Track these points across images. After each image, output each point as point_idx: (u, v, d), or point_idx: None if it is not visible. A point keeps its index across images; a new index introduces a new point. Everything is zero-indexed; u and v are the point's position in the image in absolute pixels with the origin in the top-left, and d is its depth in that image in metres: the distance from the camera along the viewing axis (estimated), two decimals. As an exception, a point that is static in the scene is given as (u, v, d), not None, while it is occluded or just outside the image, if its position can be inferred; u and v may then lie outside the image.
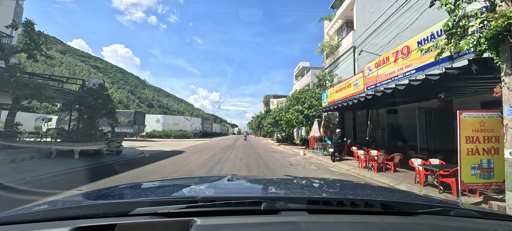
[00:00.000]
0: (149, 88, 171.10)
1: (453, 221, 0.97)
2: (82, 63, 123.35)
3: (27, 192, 4.39)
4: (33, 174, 5.99)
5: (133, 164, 8.34)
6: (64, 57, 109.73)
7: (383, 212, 0.98)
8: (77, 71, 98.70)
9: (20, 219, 0.85)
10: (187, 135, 31.19)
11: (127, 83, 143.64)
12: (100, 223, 0.80)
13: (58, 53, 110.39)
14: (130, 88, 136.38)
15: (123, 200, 1.14)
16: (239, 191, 1.47)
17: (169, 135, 29.50)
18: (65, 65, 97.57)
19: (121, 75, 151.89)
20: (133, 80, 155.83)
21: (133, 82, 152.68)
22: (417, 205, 1.11)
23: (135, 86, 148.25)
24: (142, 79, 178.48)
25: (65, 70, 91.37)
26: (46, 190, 4.65)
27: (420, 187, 5.87)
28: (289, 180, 1.85)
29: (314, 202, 1.03)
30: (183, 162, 9.46)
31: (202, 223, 0.79)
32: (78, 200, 1.10)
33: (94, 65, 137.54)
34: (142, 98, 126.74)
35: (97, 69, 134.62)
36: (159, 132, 29.66)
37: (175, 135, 29.91)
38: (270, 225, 0.80)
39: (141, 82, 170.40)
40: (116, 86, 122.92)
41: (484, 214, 1.02)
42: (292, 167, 9.10)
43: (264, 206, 0.91)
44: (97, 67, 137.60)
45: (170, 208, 0.87)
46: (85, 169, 7.04)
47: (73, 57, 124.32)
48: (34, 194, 4.32)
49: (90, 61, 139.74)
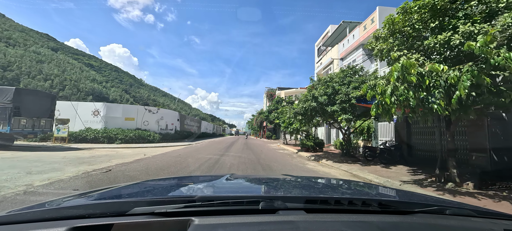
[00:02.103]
0: (145, 87, 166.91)
1: (449, 219, 0.97)
2: (74, 61, 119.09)
3: None
4: None
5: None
6: (55, 55, 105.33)
7: (380, 211, 0.99)
8: (68, 68, 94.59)
9: (16, 219, 0.84)
10: (149, 136, 18.31)
11: (122, 82, 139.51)
12: (97, 223, 0.78)
13: (48, 50, 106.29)
14: (124, 87, 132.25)
15: (120, 199, 1.10)
16: (237, 191, 1.46)
17: (113, 137, 16.57)
18: (55, 62, 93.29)
19: (116, 73, 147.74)
20: (128, 80, 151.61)
21: (128, 81, 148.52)
22: (413, 204, 1.12)
23: (130, 85, 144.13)
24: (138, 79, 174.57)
25: (54, 67, 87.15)
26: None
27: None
28: (287, 180, 1.84)
29: (312, 201, 1.01)
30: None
31: (200, 222, 0.78)
32: (75, 200, 1.09)
33: (88, 63, 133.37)
34: (136, 97, 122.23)
35: (91, 67, 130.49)
36: (97, 132, 16.50)
37: (126, 138, 16.92)
38: (268, 224, 0.80)
39: (137, 81, 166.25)
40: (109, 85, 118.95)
41: (480, 213, 1.02)
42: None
43: (262, 205, 0.90)
44: (90, 65, 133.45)
45: (167, 208, 0.86)
46: None
47: (66, 55, 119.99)
48: None
49: (83, 59, 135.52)
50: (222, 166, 7.99)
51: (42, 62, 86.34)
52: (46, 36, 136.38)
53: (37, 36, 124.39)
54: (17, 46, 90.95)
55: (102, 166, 6.92)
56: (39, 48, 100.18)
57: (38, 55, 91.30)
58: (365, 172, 7.22)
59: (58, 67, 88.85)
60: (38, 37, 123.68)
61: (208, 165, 8.08)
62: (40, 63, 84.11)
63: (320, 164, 9.56)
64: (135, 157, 9.41)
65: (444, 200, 1.30)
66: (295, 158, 11.83)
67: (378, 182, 6.07)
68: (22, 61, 75.71)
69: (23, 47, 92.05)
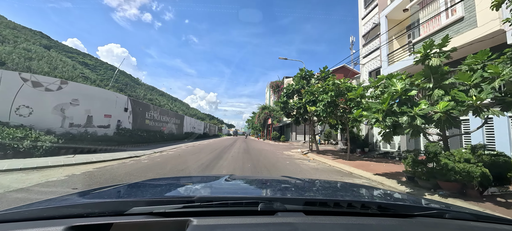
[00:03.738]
0: (141, 86, 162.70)
1: (448, 223, 0.95)
2: (68, 59, 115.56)
3: None
4: None
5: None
6: (47, 52, 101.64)
7: (380, 214, 0.97)
8: (59, 66, 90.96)
9: (14, 217, 0.83)
10: (22, 141, 7.58)
11: (117, 81, 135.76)
12: (96, 222, 0.78)
13: (40, 48, 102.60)
14: (120, 86, 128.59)
15: (119, 199, 1.09)
16: (236, 191, 1.43)
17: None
18: (46, 59, 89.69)
19: (112, 72, 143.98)
20: (124, 79, 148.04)
21: (124, 80, 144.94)
22: (413, 207, 1.11)
23: (125, 84, 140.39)
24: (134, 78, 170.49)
25: (45, 64, 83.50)
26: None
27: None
28: (287, 181, 1.81)
29: (311, 203, 1.01)
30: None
31: (199, 223, 0.77)
32: (74, 199, 1.07)
33: (82, 61, 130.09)
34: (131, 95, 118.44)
35: (85, 65, 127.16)
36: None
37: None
38: (267, 226, 0.79)
39: (134, 80, 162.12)
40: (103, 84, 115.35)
41: (479, 217, 1.01)
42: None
43: (261, 206, 0.89)
44: (85, 63, 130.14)
45: (166, 208, 0.85)
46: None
47: (59, 53, 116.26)
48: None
49: (78, 58, 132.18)
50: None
51: (32, 59, 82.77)
52: (39, 33, 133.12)
53: (30, 33, 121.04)
54: (6, 42, 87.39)
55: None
56: (30, 46, 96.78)
57: (28, 53, 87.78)
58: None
59: (48, 65, 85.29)
60: (31, 34, 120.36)
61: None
62: (29, 60, 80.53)
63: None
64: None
65: (443, 204, 1.27)
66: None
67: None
68: (8, 58, 72.11)
69: (13, 44, 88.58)
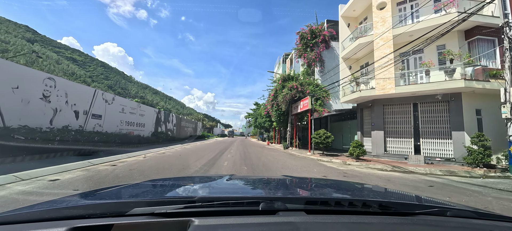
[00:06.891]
0: (134, 84, 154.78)
1: (450, 221, 0.95)
2: (53, 53, 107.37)
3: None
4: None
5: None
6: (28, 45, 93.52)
7: (381, 213, 0.98)
8: (40, 60, 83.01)
9: (16, 219, 0.81)
10: None
11: (108, 79, 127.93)
12: (97, 223, 0.77)
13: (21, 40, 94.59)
14: (110, 83, 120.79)
15: (120, 200, 1.07)
16: (237, 191, 1.43)
17: None
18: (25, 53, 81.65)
19: (102, 69, 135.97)
20: (115, 76, 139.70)
21: (115, 77, 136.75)
22: (414, 206, 1.11)
23: (117, 81, 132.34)
24: (127, 75, 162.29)
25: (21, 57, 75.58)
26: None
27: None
28: (288, 180, 1.82)
29: (312, 202, 1.01)
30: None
31: (200, 223, 0.77)
32: (75, 200, 1.04)
33: (70, 57, 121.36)
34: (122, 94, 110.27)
35: (73, 61, 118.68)
36: None
37: None
38: (268, 225, 0.79)
39: (126, 78, 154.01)
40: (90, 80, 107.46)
41: (481, 215, 1.00)
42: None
43: (262, 206, 0.90)
44: (73, 59, 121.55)
45: (167, 208, 0.85)
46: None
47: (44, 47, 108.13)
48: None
49: (65, 53, 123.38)
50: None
51: (7, 51, 74.88)
52: (25, 27, 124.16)
53: (13, 27, 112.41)
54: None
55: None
56: (9, 38, 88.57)
57: (6, 45, 79.85)
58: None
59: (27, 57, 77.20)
60: (14, 27, 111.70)
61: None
62: (4, 52, 72.66)
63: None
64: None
65: (445, 202, 1.22)
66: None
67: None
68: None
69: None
